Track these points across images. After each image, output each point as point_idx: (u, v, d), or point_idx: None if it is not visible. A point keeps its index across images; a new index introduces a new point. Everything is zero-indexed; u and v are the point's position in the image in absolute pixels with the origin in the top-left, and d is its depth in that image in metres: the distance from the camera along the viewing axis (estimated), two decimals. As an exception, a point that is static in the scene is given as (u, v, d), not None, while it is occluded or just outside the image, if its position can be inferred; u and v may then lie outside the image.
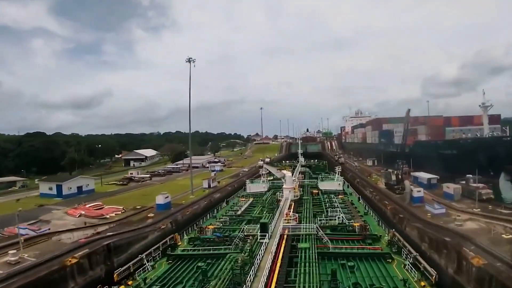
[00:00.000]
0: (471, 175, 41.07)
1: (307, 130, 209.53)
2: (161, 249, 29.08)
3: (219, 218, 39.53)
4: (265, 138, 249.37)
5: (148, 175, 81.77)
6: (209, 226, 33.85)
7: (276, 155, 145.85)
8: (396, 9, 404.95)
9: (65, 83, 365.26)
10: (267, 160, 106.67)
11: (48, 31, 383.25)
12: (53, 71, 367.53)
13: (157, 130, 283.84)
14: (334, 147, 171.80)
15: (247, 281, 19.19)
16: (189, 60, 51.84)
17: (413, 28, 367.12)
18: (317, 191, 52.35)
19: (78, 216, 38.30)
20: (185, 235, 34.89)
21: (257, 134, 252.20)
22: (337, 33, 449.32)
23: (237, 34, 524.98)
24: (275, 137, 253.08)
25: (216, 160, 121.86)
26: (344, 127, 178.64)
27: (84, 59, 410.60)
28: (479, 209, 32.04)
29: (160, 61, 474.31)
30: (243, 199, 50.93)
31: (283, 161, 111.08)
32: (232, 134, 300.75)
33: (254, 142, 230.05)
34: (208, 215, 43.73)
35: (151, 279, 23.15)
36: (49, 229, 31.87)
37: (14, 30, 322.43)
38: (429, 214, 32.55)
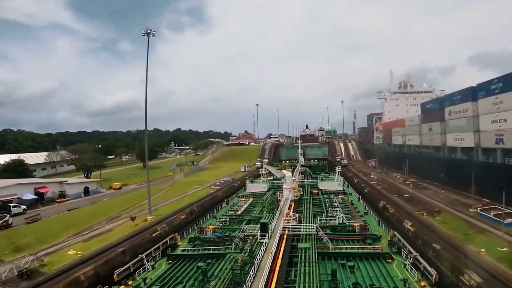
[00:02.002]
0: None
1: (307, 127, 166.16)
2: (161, 249, 29.08)
3: (219, 218, 39.54)
4: (242, 137, 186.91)
5: None
6: (209, 226, 33.86)
7: (248, 166, 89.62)
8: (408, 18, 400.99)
9: (87, 81, 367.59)
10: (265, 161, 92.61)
11: (65, 27, 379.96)
12: (75, 68, 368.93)
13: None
14: (352, 153, 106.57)
15: (247, 281, 19.19)
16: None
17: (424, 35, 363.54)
18: (317, 191, 52.37)
19: None
20: (185, 235, 34.93)
21: (246, 132, 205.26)
22: (355, 39, 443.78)
23: (261, 36, 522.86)
24: (269, 136, 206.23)
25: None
26: (380, 115, 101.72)
27: (105, 57, 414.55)
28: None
29: (186, 59, 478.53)
30: (243, 199, 50.96)
31: (283, 161, 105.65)
32: (222, 132, 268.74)
33: (226, 143, 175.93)
34: (208, 215, 43.73)
35: (151, 279, 23.14)
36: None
37: (28, 26, 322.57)
38: None
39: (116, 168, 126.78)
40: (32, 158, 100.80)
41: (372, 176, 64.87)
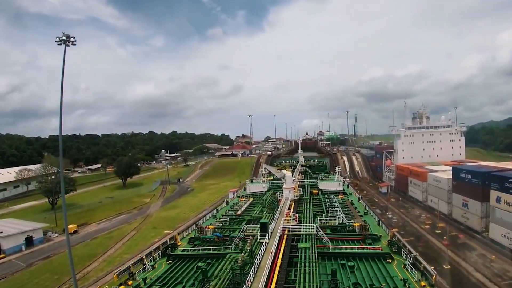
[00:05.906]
0: None
1: (307, 134, 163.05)
2: (161, 249, 29.10)
3: (219, 218, 39.57)
4: (235, 147, 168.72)
5: None
6: (209, 226, 33.87)
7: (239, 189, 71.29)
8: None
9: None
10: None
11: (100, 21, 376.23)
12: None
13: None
14: (358, 169, 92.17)
15: (247, 281, 19.19)
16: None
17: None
18: (317, 191, 52.32)
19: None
20: (185, 235, 34.94)
21: (243, 136, 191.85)
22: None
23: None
24: (267, 139, 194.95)
25: None
26: (389, 149, 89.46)
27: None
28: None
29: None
30: (243, 199, 51.00)
31: (283, 161, 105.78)
32: (219, 135, 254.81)
33: (217, 154, 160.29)
34: (208, 215, 43.77)
35: (151, 279, 23.12)
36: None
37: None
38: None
39: (91, 186, 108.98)
40: (2, 175, 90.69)
41: (390, 215, 51.82)
